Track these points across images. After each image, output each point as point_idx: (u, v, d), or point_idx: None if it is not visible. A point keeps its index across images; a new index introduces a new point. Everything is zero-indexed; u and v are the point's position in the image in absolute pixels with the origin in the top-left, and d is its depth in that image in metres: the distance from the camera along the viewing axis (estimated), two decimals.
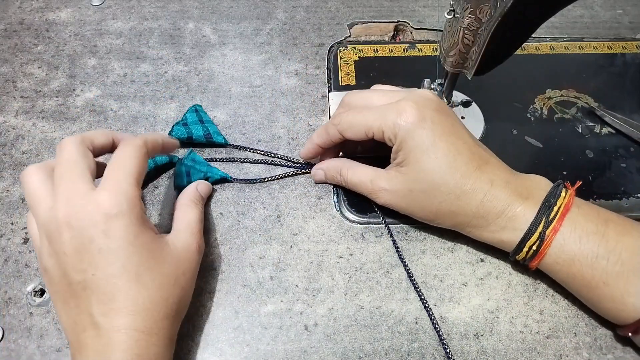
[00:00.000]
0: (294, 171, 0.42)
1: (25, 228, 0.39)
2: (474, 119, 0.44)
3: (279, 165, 0.42)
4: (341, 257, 0.38)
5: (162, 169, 0.42)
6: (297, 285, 0.37)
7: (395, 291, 0.36)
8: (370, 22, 0.54)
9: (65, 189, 0.29)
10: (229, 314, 0.35)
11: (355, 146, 0.41)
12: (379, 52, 0.50)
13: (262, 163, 0.42)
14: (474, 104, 0.45)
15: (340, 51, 0.50)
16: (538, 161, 0.42)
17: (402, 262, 0.37)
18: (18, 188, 0.41)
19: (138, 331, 0.28)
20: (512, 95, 0.47)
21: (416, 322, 0.35)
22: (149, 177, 0.41)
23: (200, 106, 0.45)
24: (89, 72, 0.49)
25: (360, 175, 0.38)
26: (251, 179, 0.41)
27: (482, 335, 0.34)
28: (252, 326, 0.35)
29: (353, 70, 0.49)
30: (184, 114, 0.44)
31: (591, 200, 0.40)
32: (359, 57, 0.50)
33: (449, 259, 0.38)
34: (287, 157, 0.42)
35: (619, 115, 0.44)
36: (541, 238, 0.32)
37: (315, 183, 0.41)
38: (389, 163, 0.37)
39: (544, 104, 0.46)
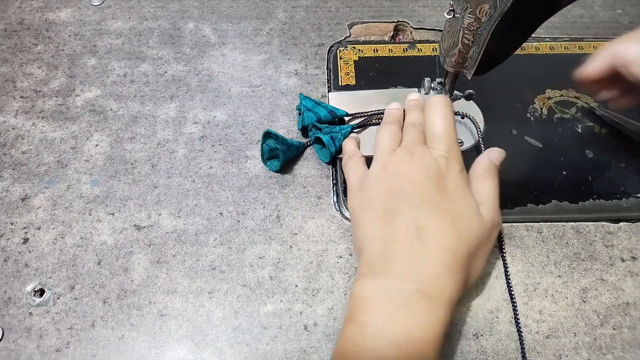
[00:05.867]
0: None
1: (25, 228, 0.39)
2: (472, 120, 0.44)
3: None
4: (341, 257, 0.38)
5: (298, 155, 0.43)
6: (296, 285, 0.37)
7: None
8: (370, 22, 0.54)
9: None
10: (229, 313, 0.35)
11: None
12: (379, 52, 0.50)
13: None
14: (473, 103, 0.45)
15: (340, 51, 0.50)
16: (538, 161, 0.42)
17: None
18: (18, 188, 0.41)
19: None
20: (512, 95, 0.47)
21: None
22: (289, 159, 0.42)
23: (302, 94, 0.45)
24: (88, 72, 0.49)
25: None
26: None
27: (481, 335, 0.34)
28: (251, 326, 0.35)
29: (353, 70, 0.49)
30: (300, 103, 0.44)
31: (591, 200, 0.40)
32: (358, 57, 0.50)
33: None
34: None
35: (618, 115, 0.44)
36: None
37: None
38: None
39: (543, 104, 0.46)
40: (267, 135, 0.40)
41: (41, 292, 0.36)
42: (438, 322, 0.29)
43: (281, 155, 0.40)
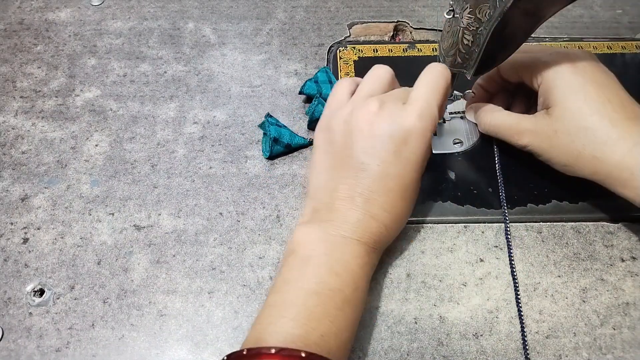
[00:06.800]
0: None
1: (24, 228, 0.39)
2: (474, 119, 0.44)
3: None
4: None
5: (295, 149, 0.43)
6: None
7: (395, 291, 0.36)
8: (369, 22, 0.54)
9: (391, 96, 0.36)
10: (229, 314, 0.35)
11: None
12: (379, 52, 0.50)
13: None
14: None
15: (339, 51, 0.50)
16: (538, 161, 0.42)
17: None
18: (17, 188, 0.41)
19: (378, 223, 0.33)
20: None
21: (415, 322, 0.35)
22: (282, 154, 0.43)
23: (329, 69, 0.46)
24: (88, 72, 0.49)
25: (504, 116, 0.39)
26: None
27: (481, 335, 0.34)
28: (251, 326, 0.35)
29: (353, 70, 0.49)
30: (315, 73, 0.45)
31: (591, 200, 0.40)
32: (358, 57, 0.50)
33: (449, 259, 0.38)
34: None
35: None
36: None
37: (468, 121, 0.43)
38: None
39: None
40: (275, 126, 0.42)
41: (41, 292, 0.36)
42: (371, 264, 0.33)
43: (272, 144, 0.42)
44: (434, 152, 0.43)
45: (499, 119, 0.39)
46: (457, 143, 0.43)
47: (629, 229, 0.39)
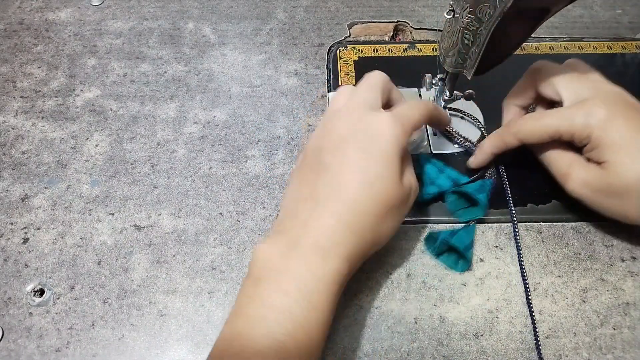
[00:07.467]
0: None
1: (24, 228, 0.39)
2: (474, 119, 0.44)
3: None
4: None
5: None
6: None
7: (395, 291, 0.36)
8: (369, 22, 0.54)
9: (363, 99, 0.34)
10: (229, 314, 0.35)
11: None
12: (379, 52, 0.50)
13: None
14: (473, 103, 0.45)
15: (339, 51, 0.50)
16: (537, 160, 0.42)
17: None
18: (17, 188, 0.41)
19: (345, 225, 0.30)
20: None
21: (415, 322, 0.35)
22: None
23: (426, 157, 0.41)
24: (88, 72, 0.49)
25: (557, 151, 0.36)
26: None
27: (481, 335, 0.34)
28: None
29: (353, 70, 0.49)
30: (425, 171, 0.40)
31: None
32: (358, 57, 0.50)
33: None
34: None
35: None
36: None
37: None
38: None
39: None
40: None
41: (41, 292, 0.36)
42: (331, 272, 0.29)
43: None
44: (433, 152, 0.43)
45: (554, 154, 0.37)
46: (457, 143, 0.43)
47: (629, 229, 0.39)
